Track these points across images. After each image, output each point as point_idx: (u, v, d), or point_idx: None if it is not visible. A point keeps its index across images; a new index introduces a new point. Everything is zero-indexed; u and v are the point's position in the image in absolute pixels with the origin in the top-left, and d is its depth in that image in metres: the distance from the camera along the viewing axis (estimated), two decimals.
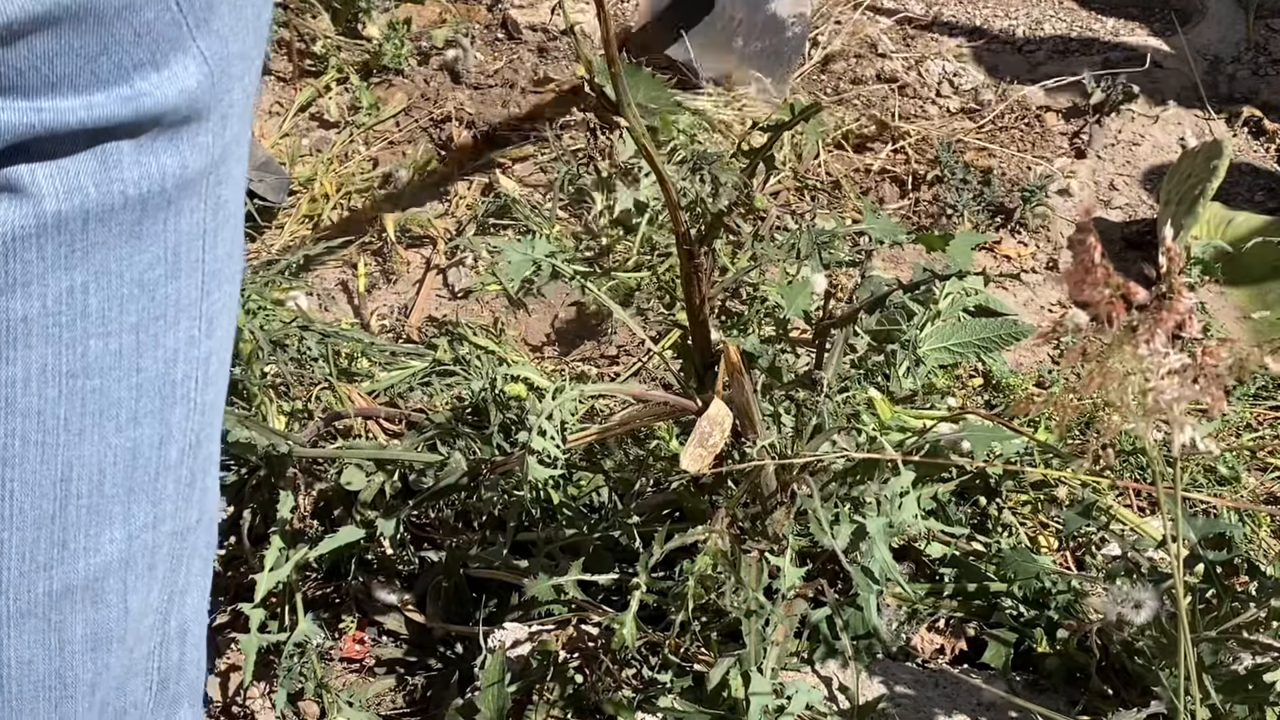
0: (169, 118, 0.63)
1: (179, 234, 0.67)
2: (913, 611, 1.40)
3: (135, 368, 0.67)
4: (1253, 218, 2.16)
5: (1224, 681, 1.19)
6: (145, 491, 0.70)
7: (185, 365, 0.70)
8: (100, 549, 0.69)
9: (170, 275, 0.67)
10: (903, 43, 2.66)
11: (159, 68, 0.62)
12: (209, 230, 0.69)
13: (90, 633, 0.71)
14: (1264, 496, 1.75)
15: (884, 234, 1.44)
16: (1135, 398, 0.60)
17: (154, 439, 0.70)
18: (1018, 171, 2.33)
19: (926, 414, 1.59)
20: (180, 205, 0.66)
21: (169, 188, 0.65)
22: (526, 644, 1.37)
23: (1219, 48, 2.64)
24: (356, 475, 1.44)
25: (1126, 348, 0.60)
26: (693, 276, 1.19)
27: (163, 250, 0.66)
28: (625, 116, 1.06)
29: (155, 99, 0.62)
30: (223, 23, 0.64)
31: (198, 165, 0.66)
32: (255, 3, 0.68)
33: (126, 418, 0.68)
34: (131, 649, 0.75)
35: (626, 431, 1.45)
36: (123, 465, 0.68)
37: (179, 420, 0.71)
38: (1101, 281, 0.59)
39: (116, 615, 0.72)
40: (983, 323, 1.68)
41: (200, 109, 0.65)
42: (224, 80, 0.66)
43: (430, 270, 2.11)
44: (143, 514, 0.71)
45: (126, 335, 0.66)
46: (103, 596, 0.70)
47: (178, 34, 0.62)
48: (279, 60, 2.50)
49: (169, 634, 0.79)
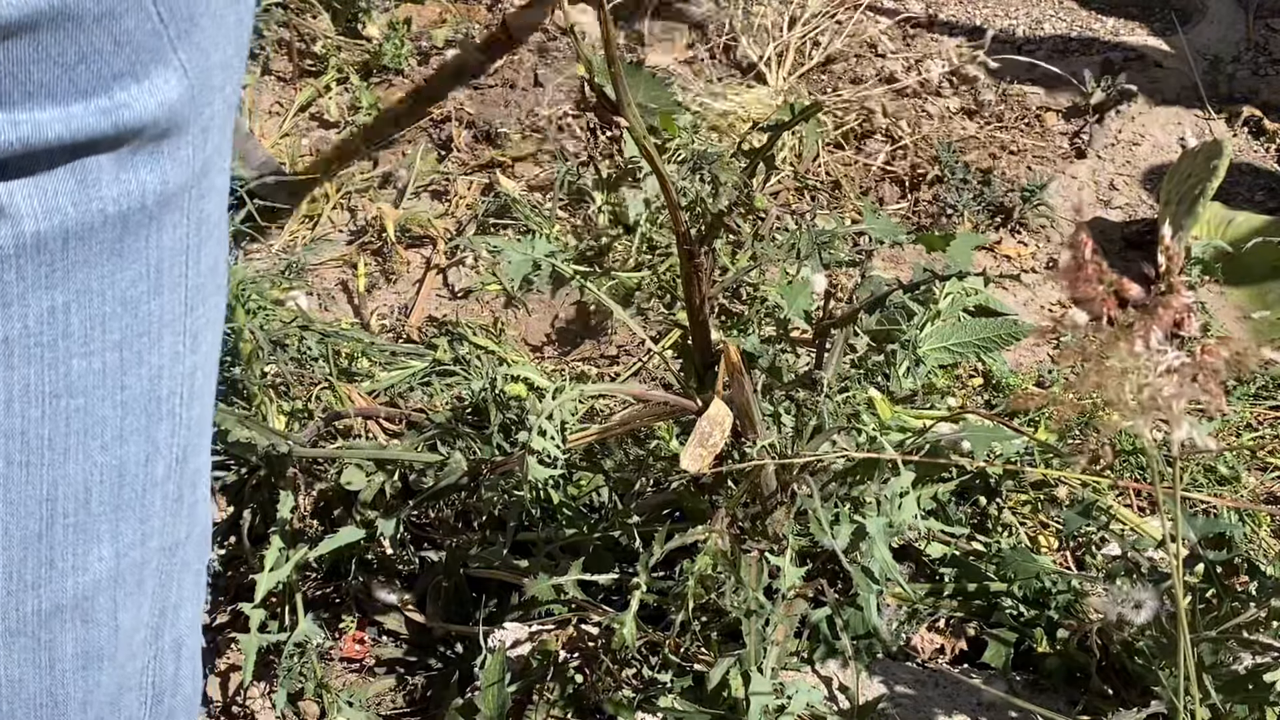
0: (149, 131, 0.62)
1: (161, 250, 0.66)
2: (913, 611, 1.40)
3: (119, 385, 0.67)
4: (1253, 218, 2.16)
5: (1224, 681, 1.19)
6: (133, 509, 0.70)
7: (170, 381, 0.70)
8: (89, 567, 0.69)
9: (153, 292, 0.66)
10: (903, 43, 2.66)
11: (139, 79, 0.61)
12: (192, 246, 0.68)
13: (81, 650, 0.71)
14: (1264, 496, 1.75)
15: (884, 234, 1.44)
16: (1132, 395, 0.60)
17: (140, 456, 0.69)
18: (1018, 171, 2.33)
19: (926, 414, 1.59)
20: (162, 221, 0.65)
21: (150, 204, 0.64)
22: (526, 644, 1.37)
23: (1219, 48, 2.64)
24: (356, 475, 1.44)
25: (1122, 345, 0.60)
26: (693, 276, 1.19)
27: (145, 267, 0.65)
28: (625, 116, 1.06)
29: (134, 111, 0.61)
30: (204, 34, 0.63)
31: (179, 180, 0.65)
32: (237, 12, 0.67)
33: (112, 436, 0.67)
34: (124, 665, 0.74)
35: (626, 431, 1.45)
36: (109, 483, 0.68)
37: (165, 436, 0.71)
38: (1095, 279, 0.59)
39: (107, 633, 0.72)
40: (983, 322, 1.68)
41: (180, 122, 0.64)
42: (205, 92, 0.65)
43: (430, 270, 2.11)
44: (131, 531, 0.71)
45: (110, 353, 0.65)
46: (92, 614, 0.70)
47: (158, 44, 0.61)
48: (279, 60, 2.50)
49: (163, 649, 0.78)
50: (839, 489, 1.33)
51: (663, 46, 2.55)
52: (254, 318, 1.61)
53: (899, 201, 2.27)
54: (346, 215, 2.23)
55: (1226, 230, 2.15)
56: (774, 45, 2.56)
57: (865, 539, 1.24)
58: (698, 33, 2.61)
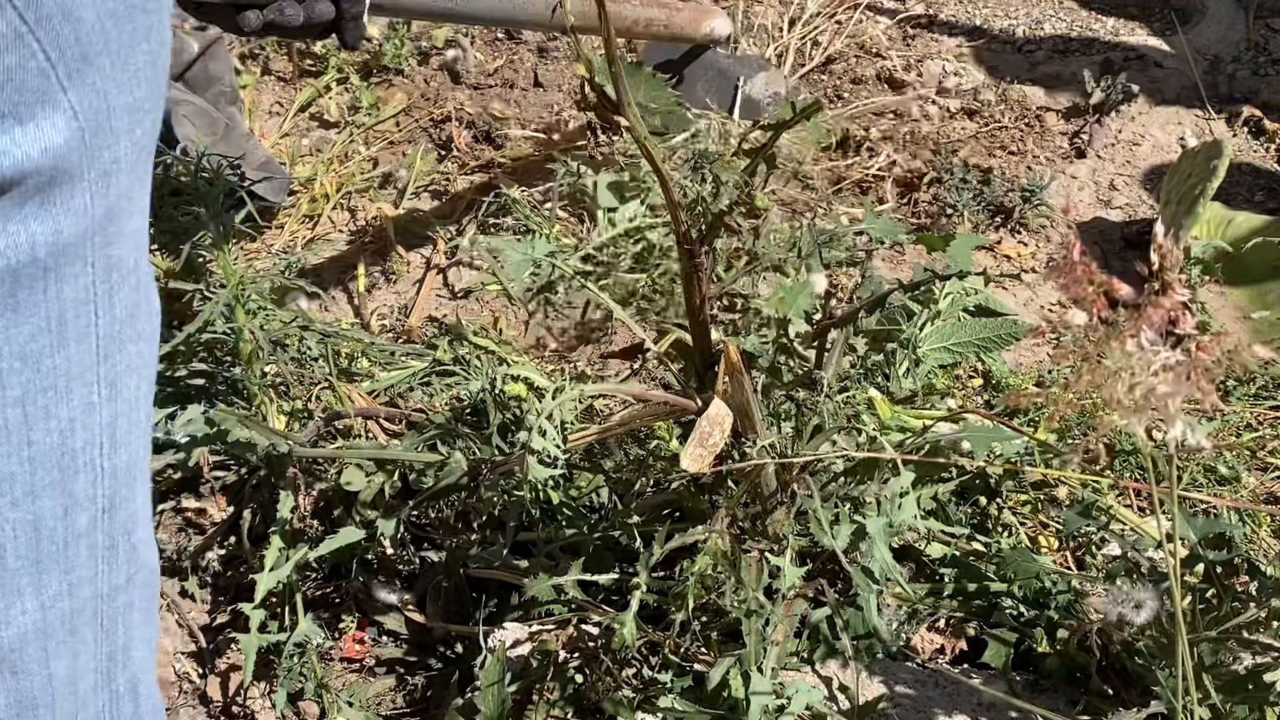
0: (32, 180, 0.58)
1: (63, 302, 0.63)
2: (913, 611, 1.40)
3: (25, 441, 0.65)
4: (1253, 218, 2.16)
5: (1224, 681, 1.19)
6: (55, 561, 0.69)
7: (85, 433, 0.68)
8: (12, 621, 0.68)
9: (57, 345, 0.64)
10: (903, 43, 2.66)
11: (21, 121, 0.57)
12: (100, 294, 0.66)
13: (14, 700, 0.70)
14: (1264, 496, 1.75)
15: (884, 234, 1.44)
16: (1124, 394, 0.60)
17: (57, 509, 0.68)
18: (1018, 171, 2.33)
19: (926, 414, 1.59)
20: (61, 272, 0.62)
21: (42, 255, 0.61)
22: (526, 644, 1.37)
23: (1219, 48, 2.64)
24: (356, 475, 1.45)
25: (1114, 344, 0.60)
26: (693, 276, 1.19)
27: (45, 320, 0.63)
28: (625, 116, 1.06)
29: (14, 158, 0.57)
30: (102, 74, 0.60)
31: (76, 229, 0.62)
32: (149, 50, 0.63)
33: (22, 492, 0.66)
34: (73, 713, 0.74)
35: (626, 431, 1.45)
36: (24, 539, 0.67)
37: (84, 488, 0.69)
38: (1085, 279, 0.59)
39: (40, 682, 0.71)
40: (982, 322, 1.68)
41: (71, 169, 0.60)
42: (102, 135, 0.61)
43: (430, 270, 2.11)
44: (55, 583, 0.70)
45: (12, 409, 0.63)
46: (22, 665, 0.70)
47: (45, 84, 0.57)
48: (279, 60, 2.50)
49: (118, 691, 0.78)
50: (839, 489, 1.33)
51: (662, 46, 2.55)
52: (254, 318, 1.61)
53: (899, 201, 2.27)
54: (346, 215, 2.23)
55: (1226, 230, 2.15)
56: (774, 46, 2.56)
57: (865, 539, 1.24)
58: None
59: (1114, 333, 0.60)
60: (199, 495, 1.63)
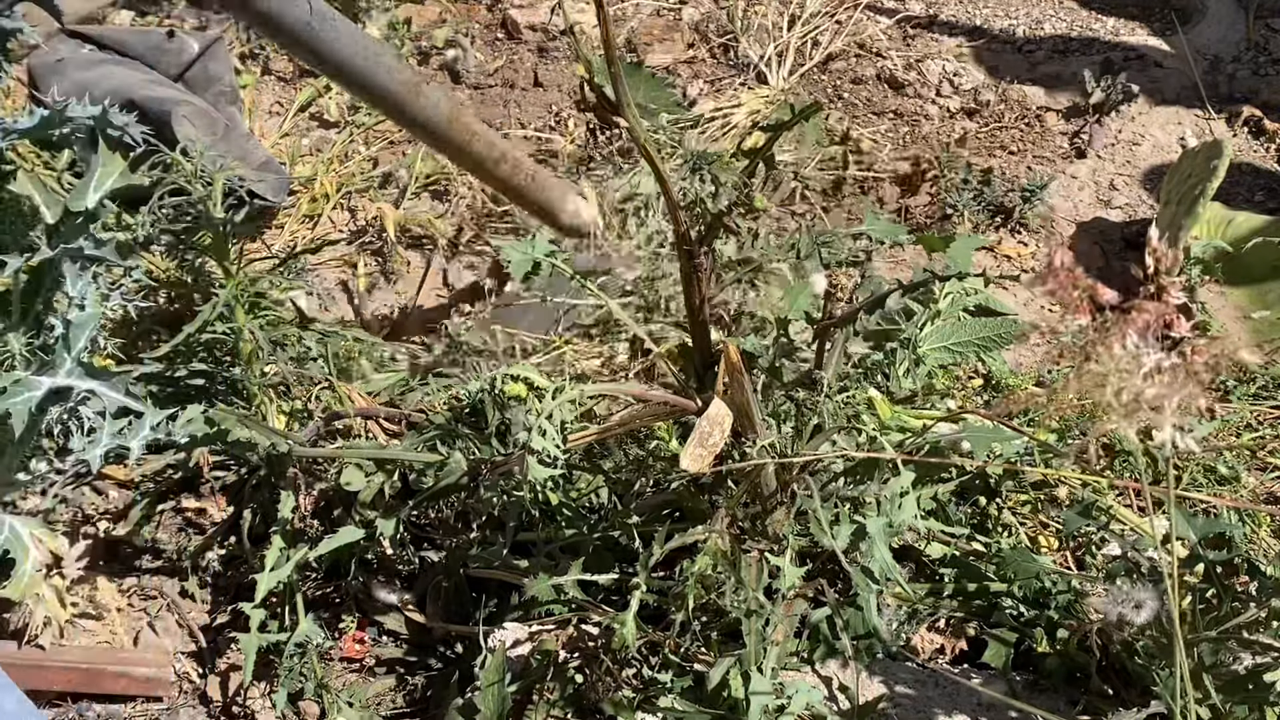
0: None
1: None
2: (913, 611, 1.40)
3: None
4: (1253, 218, 2.16)
5: (1224, 681, 1.19)
6: None
7: None
8: None
9: None
10: (903, 43, 2.66)
11: None
12: None
13: None
14: (1264, 496, 1.75)
15: (884, 234, 1.44)
16: (1113, 397, 0.60)
17: None
18: (1018, 171, 2.33)
19: (926, 414, 1.59)
20: None
21: None
22: (526, 644, 1.37)
23: (1219, 48, 2.64)
24: (356, 475, 1.44)
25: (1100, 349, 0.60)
26: (693, 276, 1.19)
27: None
28: (625, 116, 1.06)
29: None
30: None
31: None
32: None
33: None
34: None
35: (626, 431, 1.45)
36: None
37: None
38: (1070, 284, 0.59)
39: None
40: (982, 322, 1.68)
41: None
42: None
43: (430, 270, 2.11)
44: None
45: None
46: None
47: None
48: (279, 60, 2.50)
49: None
50: (839, 489, 1.33)
51: (663, 46, 2.55)
52: (254, 318, 1.61)
53: (899, 202, 2.27)
54: (346, 215, 2.23)
55: (1226, 230, 2.15)
56: (774, 45, 2.56)
57: (865, 539, 1.24)
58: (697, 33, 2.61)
59: (1101, 338, 0.60)
60: (199, 495, 1.63)
